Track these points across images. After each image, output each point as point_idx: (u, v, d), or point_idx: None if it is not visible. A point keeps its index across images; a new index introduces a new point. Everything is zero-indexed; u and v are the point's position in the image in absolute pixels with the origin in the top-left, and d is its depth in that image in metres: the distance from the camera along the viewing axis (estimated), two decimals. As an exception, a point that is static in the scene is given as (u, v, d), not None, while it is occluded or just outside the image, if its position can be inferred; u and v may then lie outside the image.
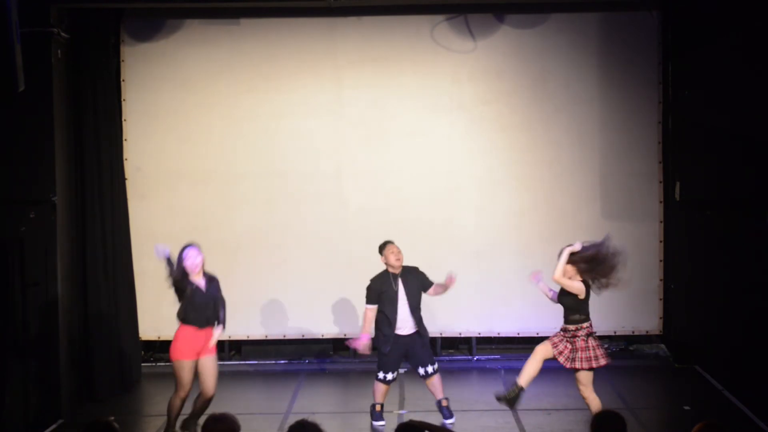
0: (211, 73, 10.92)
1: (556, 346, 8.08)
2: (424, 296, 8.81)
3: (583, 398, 8.15)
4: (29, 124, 9.03)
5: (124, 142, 10.79)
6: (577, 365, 8.03)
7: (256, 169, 10.97)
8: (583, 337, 8.05)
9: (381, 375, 8.76)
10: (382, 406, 8.81)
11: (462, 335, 11.11)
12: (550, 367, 10.50)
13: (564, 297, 8.15)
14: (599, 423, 4.90)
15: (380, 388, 8.80)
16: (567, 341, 8.07)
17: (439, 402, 8.85)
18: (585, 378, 8.06)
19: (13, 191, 9.04)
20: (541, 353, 8.14)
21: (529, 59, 10.93)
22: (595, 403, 8.06)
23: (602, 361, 8.05)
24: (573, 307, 8.09)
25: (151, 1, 10.55)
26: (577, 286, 8.05)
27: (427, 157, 11.01)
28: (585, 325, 8.09)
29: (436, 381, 8.82)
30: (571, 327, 8.08)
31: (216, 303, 8.23)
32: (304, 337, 11.01)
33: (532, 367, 8.15)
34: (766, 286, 8.72)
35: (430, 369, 8.80)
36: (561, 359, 8.06)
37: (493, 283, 10.92)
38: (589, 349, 8.03)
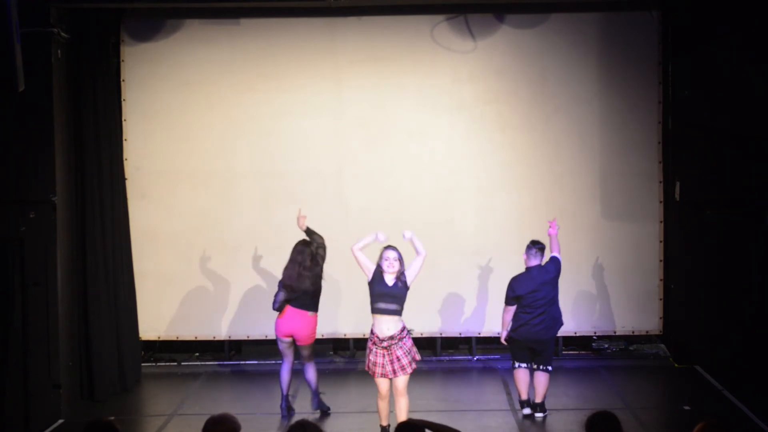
0: (211, 73, 10.93)
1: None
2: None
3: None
4: (29, 124, 9.03)
5: (124, 142, 10.80)
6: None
7: (256, 169, 10.98)
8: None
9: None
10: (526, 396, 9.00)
11: (462, 335, 11.11)
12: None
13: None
14: (593, 423, 4.91)
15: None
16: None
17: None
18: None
19: (13, 191, 9.04)
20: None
21: (529, 59, 10.94)
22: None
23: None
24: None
25: (151, 1, 10.55)
26: None
27: (427, 157, 11.01)
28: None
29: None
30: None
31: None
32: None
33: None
34: (766, 286, 8.72)
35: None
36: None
37: (493, 283, 10.92)
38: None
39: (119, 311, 10.07)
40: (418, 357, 8.16)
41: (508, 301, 8.95)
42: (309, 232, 9.12)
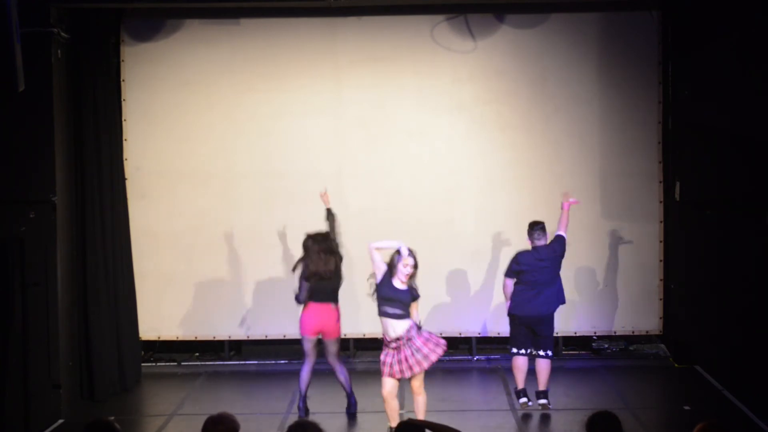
0: (211, 73, 10.93)
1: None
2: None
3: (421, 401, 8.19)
4: (29, 124, 9.03)
5: (124, 142, 10.80)
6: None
7: (256, 169, 10.98)
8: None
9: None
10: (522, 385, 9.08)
11: (462, 335, 11.11)
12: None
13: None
14: (593, 423, 4.92)
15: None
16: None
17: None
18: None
19: (13, 191, 9.04)
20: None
21: (529, 59, 10.93)
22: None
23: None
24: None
25: (151, 1, 10.55)
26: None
27: (427, 157, 11.02)
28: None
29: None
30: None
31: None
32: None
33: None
34: (766, 286, 8.72)
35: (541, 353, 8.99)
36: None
37: (493, 283, 10.92)
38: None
39: (119, 311, 10.07)
40: (433, 357, 8.06)
41: (509, 273, 9.08)
42: (330, 212, 9.23)
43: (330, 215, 9.30)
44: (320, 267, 8.94)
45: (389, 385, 8.10)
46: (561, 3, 10.79)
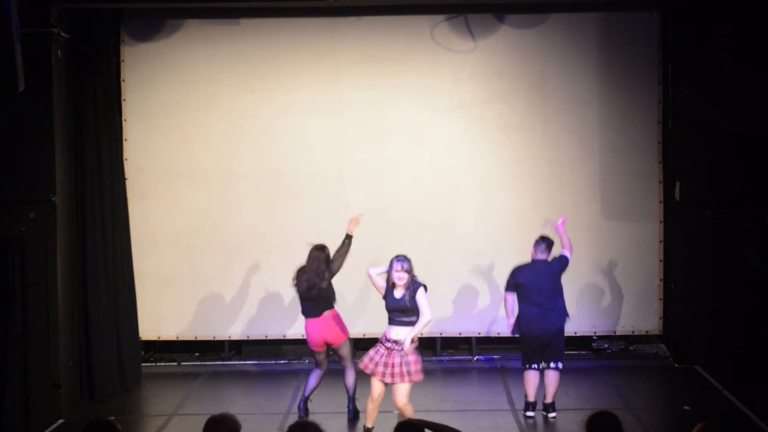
0: (211, 73, 10.93)
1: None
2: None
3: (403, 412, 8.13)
4: (29, 124, 9.04)
5: (124, 142, 10.80)
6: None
7: (256, 169, 10.98)
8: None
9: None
10: (533, 398, 8.98)
11: (462, 335, 11.11)
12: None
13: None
14: (593, 423, 4.92)
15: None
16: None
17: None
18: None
19: (13, 191, 9.05)
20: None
21: (529, 59, 10.94)
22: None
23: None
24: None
25: (151, 1, 10.56)
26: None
27: (427, 157, 11.02)
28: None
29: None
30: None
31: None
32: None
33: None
34: (766, 286, 8.72)
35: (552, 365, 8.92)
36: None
37: (493, 283, 10.92)
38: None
39: (119, 311, 10.07)
40: (416, 377, 8.07)
41: (508, 287, 8.98)
42: (349, 241, 8.98)
43: (348, 243, 9.01)
44: (303, 291, 8.95)
45: (378, 390, 8.12)
46: (561, 3, 10.80)
